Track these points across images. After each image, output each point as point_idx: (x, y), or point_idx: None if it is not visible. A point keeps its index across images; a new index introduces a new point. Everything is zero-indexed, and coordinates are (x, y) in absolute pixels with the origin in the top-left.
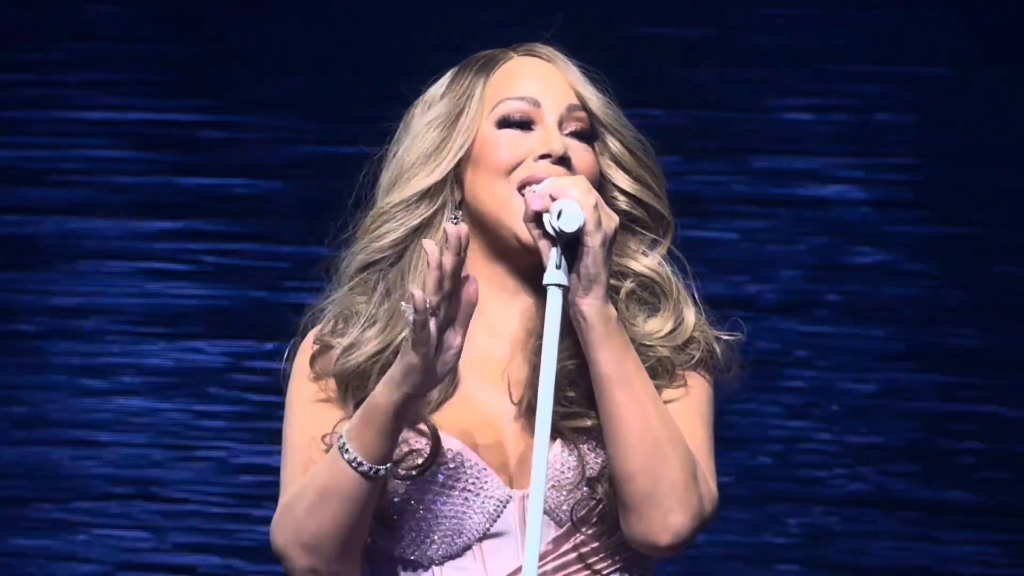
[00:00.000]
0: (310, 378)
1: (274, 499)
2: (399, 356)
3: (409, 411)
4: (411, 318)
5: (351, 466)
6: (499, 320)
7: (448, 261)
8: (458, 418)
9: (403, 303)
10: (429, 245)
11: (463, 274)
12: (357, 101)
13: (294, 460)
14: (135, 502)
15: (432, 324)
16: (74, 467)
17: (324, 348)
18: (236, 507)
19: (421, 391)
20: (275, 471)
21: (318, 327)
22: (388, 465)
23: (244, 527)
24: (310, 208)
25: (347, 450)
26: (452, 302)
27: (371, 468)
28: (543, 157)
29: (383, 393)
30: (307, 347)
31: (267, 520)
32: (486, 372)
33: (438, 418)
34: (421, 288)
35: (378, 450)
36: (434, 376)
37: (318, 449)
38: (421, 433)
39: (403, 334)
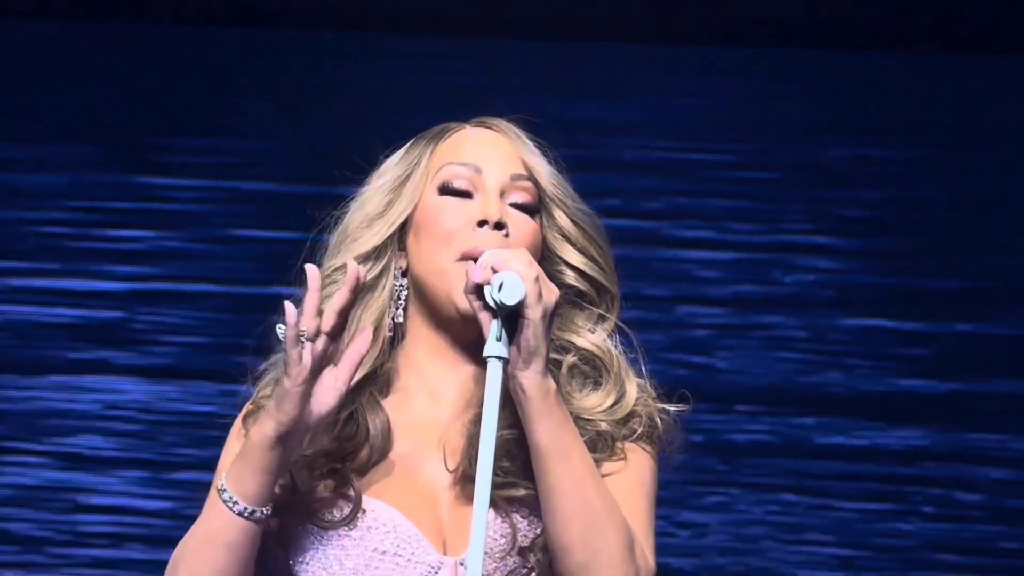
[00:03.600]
0: (240, 436)
1: None
2: (276, 383)
3: (285, 448)
4: (280, 334)
5: (227, 507)
6: (440, 387)
7: (339, 298)
8: (393, 482)
9: (277, 320)
10: (311, 269)
11: (362, 326)
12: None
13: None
14: None
15: (307, 351)
16: None
17: (256, 408)
18: None
19: (293, 426)
20: None
21: (257, 388)
22: (266, 509)
23: None
24: None
25: (223, 489)
26: (337, 343)
27: (246, 508)
28: (481, 224)
29: (257, 428)
30: (244, 408)
31: None
32: (424, 438)
33: (372, 479)
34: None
35: (253, 488)
36: (307, 412)
37: None
38: (346, 497)
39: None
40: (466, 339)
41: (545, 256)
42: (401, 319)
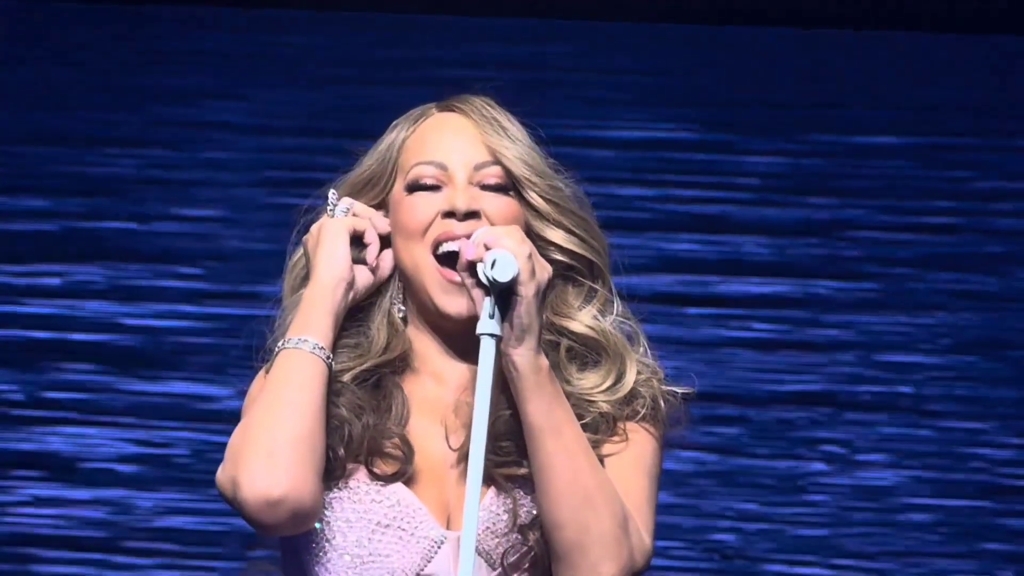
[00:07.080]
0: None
1: None
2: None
3: (348, 289)
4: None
5: (298, 348)
6: (445, 368)
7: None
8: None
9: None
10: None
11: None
12: None
13: None
14: None
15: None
16: None
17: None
18: None
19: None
20: None
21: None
22: (330, 355)
23: None
24: None
25: (291, 339)
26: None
27: (317, 345)
28: (449, 216)
29: (318, 278)
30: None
31: None
32: (431, 416)
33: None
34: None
35: (323, 329)
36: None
37: None
38: (397, 448)
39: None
40: (459, 324)
41: (528, 235)
42: (403, 313)
